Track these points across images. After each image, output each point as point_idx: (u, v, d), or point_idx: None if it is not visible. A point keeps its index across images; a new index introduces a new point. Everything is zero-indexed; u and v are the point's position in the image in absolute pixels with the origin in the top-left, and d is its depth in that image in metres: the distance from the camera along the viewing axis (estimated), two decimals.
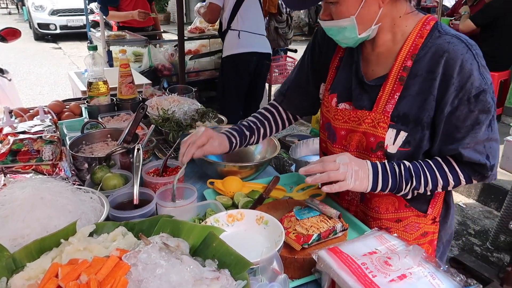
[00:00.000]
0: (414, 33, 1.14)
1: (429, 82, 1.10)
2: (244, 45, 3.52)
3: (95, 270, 0.73)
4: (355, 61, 1.26)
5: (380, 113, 1.17)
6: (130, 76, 2.24)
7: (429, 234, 1.34)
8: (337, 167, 1.10)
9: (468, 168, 1.16)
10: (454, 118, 1.10)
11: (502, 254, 3.12)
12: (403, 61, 1.14)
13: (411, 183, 1.15)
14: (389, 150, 1.17)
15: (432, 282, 0.92)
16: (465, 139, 1.11)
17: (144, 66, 4.16)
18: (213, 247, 0.88)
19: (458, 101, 1.08)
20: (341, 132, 1.28)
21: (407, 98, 1.13)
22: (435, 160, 1.18)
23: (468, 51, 1.07)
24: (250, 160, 1.72)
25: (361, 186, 1.13)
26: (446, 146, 1.14)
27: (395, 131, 1.15)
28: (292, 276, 1.07)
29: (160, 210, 1.26)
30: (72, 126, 1.91)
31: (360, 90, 1.23)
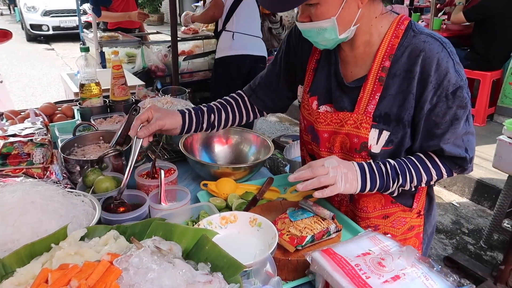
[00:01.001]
0: (389, 33, 1.15)
1: (408, 81, 1.12)
2: (238, 47, 3.49)
3: (85, 275, 0.72)
4: (334, 63, 1.26)
5: (361, 114, 1.18)
6: (123, 78, 2.22)
7: (415, 228, 1.37)
8: (327, 171, 1.10)
9: (449, 162, 1.20)
10: (433, 115, 1.13)
11: (496, 253, 3.14)
12: (381, 62, 1.15)
13: (397, 181, 1.18)
14: (373, 150, 1.19)
15: (426, 283, 0.92)
16: (445, 135, 1.14)
17: (137, 67, 4.14)
18: (206, 250, 0.88)
19: (436, 98, 1.10)
20: (324, 135, 1.28)
21: (388, 98, 1.15)
22: (417, 156, 1.21)
23: (443, 49, 1.09)
24: (244, 161, 1.71)
25: (351, 188, 1.14)
26: (427, 142, 1.17)
27: (377, 131, 1.17)
28: (286, 278, 1.07)
29: (153, 213, 1.25)
30: (64, 128, 1.89)
31: (340, 92, 1.24)
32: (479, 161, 4.04)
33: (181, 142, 1.62)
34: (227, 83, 3.55)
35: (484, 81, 4.82)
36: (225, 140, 1.77)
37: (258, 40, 3.64)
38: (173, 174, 1.42)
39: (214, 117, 1.45)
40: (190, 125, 1.41)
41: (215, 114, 1.46)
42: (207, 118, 1.44)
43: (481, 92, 4.87)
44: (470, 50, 4.95)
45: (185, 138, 1.65)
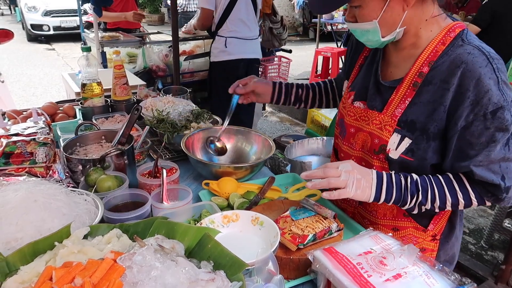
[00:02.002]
0: (437, 39, 1.11)
1: (442, 92, 1.07)
2: (231, 52, 3.48)
3: (89, 272, 0.72)
4: (376, 61, 1.27)
5: (388, 116, 1.16)
6: (124, 77, 2.23)
7: (427, 251, 1.30)
8: (339, 174, 1.09)
9: (480, 188, 1.11)
10: (468, 134, 1.05)
11: (496, 252, 3.14)
12: (420, 67, 1.12)
13: (416, 197, 1.12)
14: (390, 154, 1.16)
15: (427, 281, 0.92)
16: (478, 157, 1.06)
17: (139, 67, 4.14)
18: (208, 248, 0.88)
19: (473, 116, 1.03)
20: (350, 129, 1.29)
21: (418, 105, 1.11)
22: (445, 176, 1.14)
23: (488, 64, 1.02)
24: (245, 160, 1.72)
25: (363, 196, 1.11)
26: (458, 162, 1.10)
27: (399, 136, 1.13)
28: (288, 277, 1.07)
29: (155, 212, 1.26)
30: (66, 128, 1.90)
31: (375, 90, 1.23)
32: None
33: (183, 142, 1.62)
34: (224, 85, 3.54)
35: None
36: (226, 140, 1.78)
37: (252, 42, 3.62)
38: (175, 173, 1.43)
39: (301, 92, 1.57)
40: (280, 94, 1.57)
41: (303, 90, 1.58)
42: (295, 92, 1.57)
43: None
44: None
45: (186, 138, 1.66)
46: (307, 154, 2.82)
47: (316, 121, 4.29)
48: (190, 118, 1.85)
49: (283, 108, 6.52)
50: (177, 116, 1.84)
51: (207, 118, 1.89)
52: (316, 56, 6.69)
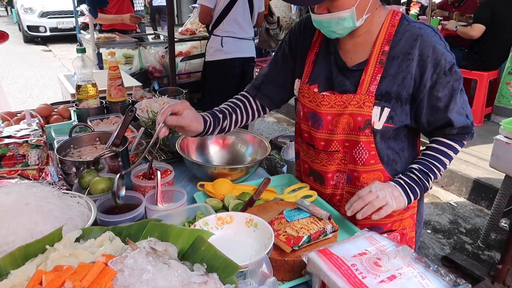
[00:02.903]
0: (386, 23, 1.29)
1: (407, 63, 1.25)
2: (227, 51, 3.51)
3: (80, 276, 0.72)
4: (333, 52, 1.37)
5: (364, 94, 1.28)
6: (120, 79, 2.22)
7: (410, 208, 1.45)
8: (376, 195, 1.22)
9: (459, 136, 1.32)
10: (435, 91, 1.26)
11: (493, 252, 3.15)
12: (381, 47, 1.28)
13: (430, 178, 1.31)
14: (375, 126, 1.29)
15: (422, 283, 0.92)
16: (449, 106, 1.27)
17: (135, 68, 4.13)
18: (201, 251, 0.87)
19: (436, 76, 1.24)
20: (327, 117, 1.35)
21: (388, 78, 1.27)
22: (431, 148, 1.35)
23: (435, 34, 1.24)
24: (241, 162, 1.71)
25: (401, 204, 1.26)
26: (433, 116, 1.29)
27: (379, 108, 1.27)
28: (282, 279, 1.07)
29: (149, 214, 1.25)
30: (60, 129, 1.88)
31: (342, 76, 1.34)
32: (476, 161, 4.04)
33: (178, 143, 1.62)
34: (220, 85, 3.57)
35: (481, 81, 4.83)
36: (221, 141, 1.77)
37: (247, 42, 3.67)
38: (169, 175, 1.42)
39: (227, 122, 1.50)
40: (207, 132, 1.45)
41: (227, 119, 1.50)
42: (221, 124, 1.48)
43: (478, 92, 4.88)
44: (468, 51, 4.96)
45: (181, 139, 1.65)
46: None
47: None
48: None
49: (280, 109, 6.51)
50: None
51: None
52: None
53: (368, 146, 1.33)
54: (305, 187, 1.49)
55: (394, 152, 1.38)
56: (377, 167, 1.36)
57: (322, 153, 1.40)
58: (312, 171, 1.48)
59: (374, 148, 1.33)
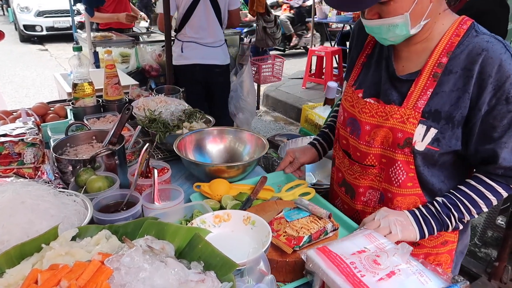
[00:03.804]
0: (450, 31, 1.14)
1: (465, 80, 1.09)
2: (187, 57, 3.45)
3: (76, 275, 0.71)
4: (385, 57, 1.26)
5: (410, 109, 1.15)
6: (116, 77, 2.21)
7: (449, 243, 1.32)
8: (378, 224, 1.15)
9: (504, 178, 1.15)
10: (491, 118, 1.09)
11: (490, 250, 3.16)
12: (438, 58, 1.14)
13: (453, 215, 1.18)
14: (416, 147, 1.16)
15: (421, 279, 0.91)
16: (501, 139, 1.10)
17: (131, 67, 4.12)
18: (198, 248, 0.87)
19: (495, 101, 1.07)
20: (366, 127, 1.25)
21: (440, 94, 1.13)
22: (467, 184, 1.19)
23: (506, 51, 1.06)
24: (239, 160, 1.70)
25: (409, 235, 1.17)
26: (482, 146, 1.13)
27: (425, 127, 1.14)
28: (284, 280, 1.05)
29: (146, 212, 1.24)
30: (56, 128, 1.87)
31: (390, 85, 1.23)
32: None
33: (176, 143, 1.60)
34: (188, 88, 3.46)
35: None
36: (219, 140, 1.76)
37: (211, 49, 3.54)
38: (166, 173, 1.41)
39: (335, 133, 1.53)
40: (324, 150, 1.63)
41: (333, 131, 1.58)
42: (332, 137, 1.59)
43: None
44: None
45: (179, 139, 1.64)
46: None
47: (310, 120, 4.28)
48: (182, 118, 1.83)
49: (277, 107, 6.51)
50: (169, 116, 1.83)
51: (199, 117, 1.87)
52: (310, 55, 6.69)
53: (406, 167, 1.19)
54: (302, 185, 1.49)
55: (440, 180, 1.23)
56: (414, 191, 1.23)
57: (357, 165, 1.31)
58: (344, 182, 1.39)
59: (414, 170, 1.20)
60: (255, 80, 5.15)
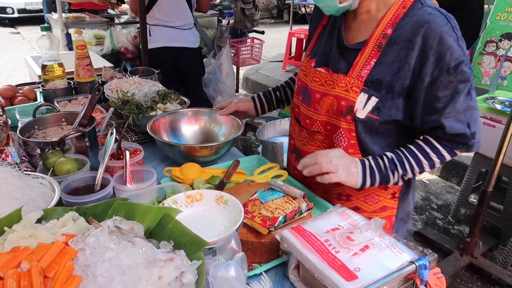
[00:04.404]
0: (398, 3, 1.17)
1: (407, 51, 1.12)
2: (155, 40, 3.37)
3: (37, 257, 0.68)
4: (337, 28, 1.29)
5: (354, 78, 1.19)
6: (88, 58, 2.14)
7: (388, 209, 1.37)
8: (330, 159, 1.15)
9: (450, 143, 1.19)
10: (434, 89, 1.12)
11: (462, 226, 3.26)
12: (383, 29, 1.17)
13: (397, 171, 1.20)
14: (358, 114, 1.19)
15: (393, 251, 0.93)
16: (446, 109, 1.13)
17: (106, 49, 3.99)
18: (168, 228, 0.85)
19: (438, 72, 1.10)
20: (316, 95, 1.29)
21: (383, 64, 1.15)
22: (416, 144, 1.22)
23: (447, 23, 1.09)
24: (214, 141, 1.68)
25: (352, 180, 1.18)
26: (427, 116, 1.16)
27: (366, 96, 1.17)
28: (260, 261, 1.05)
29: (118, 194, 1.21)
30: (25, 111, 1.80)
31: (339, 54, 1.26)
32: None
33: (149, 124, 1.57)
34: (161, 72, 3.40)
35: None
36: (194, 121, 1.73)
37: (180, 31, 3.47)
38: (139, 154, 1.38)
39: (280, 94, 1.66)
40: (262, 106, 1.66)
41: (281, 91, 1.66)
42: (275, 96, 1.66)
43: None
44: None
45: (153, 120, 1.60)
46: (279, 135, 2.80)
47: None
48: (156, 99, 1.79)
49: (257, 91, 6.47)
50: (142, 97, 1.78)
51: (174, 99, 1.83)
52: (290, 37, 6.64)
53: (348, 134, 1.24)
54: (274, 167, 1.48)
55: (381, 148, 1.27)
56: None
57: (305, 131, 1.36)
58: (295, 148, 1.44)
59: (355, 137, 1.24)
60: (234, 63, 5.08)
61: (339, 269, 0.87)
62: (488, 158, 2.78)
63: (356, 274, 0.86)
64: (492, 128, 2.71)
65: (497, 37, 4.73)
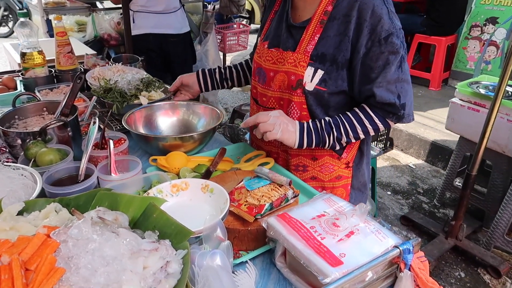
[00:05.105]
0: None
1: (345, 25, 1.21)
2: (139, 26, 3.31)
3: (18, 250, 0.67)
4: (286, 10, 1.37)
5: (301, 53, 1.28)
6: (69, 45, 2.09)
7: (343, 178, 1.46)
8: (268, 118, 1.24)
9: (382, 111, 1.28)
10: (368, 59, 1.21)
11: (448, 210, 3.32)
12: (325, 6, 1.26)
13: (332, 134, 1.29)
14: (307, 87, 1.28)
15: (378, 236, 0.94)
16: (377, 79, 1.22)
17: (89, 36, 3.89)
18: (153, 218, 0.84)
19: (370, 43, 1.19)
20: (270, 73, 1.38)
21: (326, 39, 1.24)
22: (352, 110, 1.32)
23: None
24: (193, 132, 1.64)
25: (289, 139, 1.27)
26: (363, 86, 1.25)
27: (313, 69, 1.26)
28: (247, 249, 1.05)
29: (103, 184, 1.20)
30: (5, 101, 1.76)
31: (288, 33, 1.34)
32: (434, 124, 4.19)
33: (124, 118, 1.52)
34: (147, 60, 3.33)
35: (439, 46, 4.94)
36: (171, 113, 1.67)
37: (164, 16, 3.40)
38: (123, 143, 1.36)
39: (225, 72, 1.70)
40: (205, 80, 1.71)
41: (226, 70, 1.71)
42: (219, 73, 1.71)
43: (436, 57, 4.99)
44: (426, 17, 5.03)
45: (128, 114, 1.56)
46: None
47: None
48: (140, 87, 1.76)
49: None
50: (126, 85, 1.74)
51: (158, 86, 1.80)
52: None
53: (299, 107, 1.32)
54: (261, 155, 1.48)
55: None
56: None
57: (262, 109, 1.43)
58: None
59: (306, 109, 1.32)
60: (220, 49, 5.02)
61: (324, 255, 0.88)
62: (472, 142, 2.82)
63: (341, 260, 0.87)
64: (476, 112, 2.74)
65: (481, 21, 4.76)
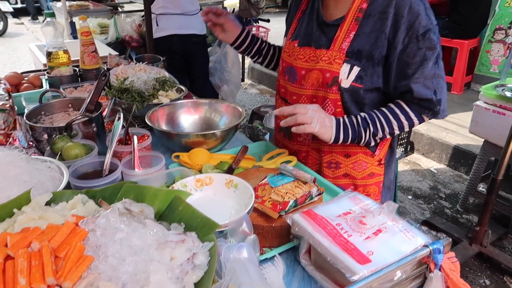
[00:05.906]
0: None
1: (381, 22, 1.22)
2: (161, 29, 3.35)
3: (48, 237, 0.67)
4: (316, 9, 1.37)
5: (336, 51, 1.28)
6: (93, 45, 2.12)
7: (375, 176, 1.46)
8: (306, 111, 1.22)
9: (418, 107, 1.28)
10: (405, 55, 1.21)
11: (471, 216, 3.23)
12: (359, 4, 1.26)
13: (369, 129, 1.29)
14: (342, 84, 1.28)
15: (407, 235, 0.91)
16: (415, 74, 1.22)
17: (111, 38, 3.97)
18: (179, 211, 0.84)
19: (408, 39, 1.20)
20: (301, 72, 1.37)
21: (361, 36, 1.25)
22: (387, 106, 1.32)
23: None
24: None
25: (326, 134, 1.25)
26: (399, 82, 1.26)
27: (349, 66, 1.26)
28: (270, 245, 1.04)
29: (127, 179, 1.20)
30: (31, 98, 1.79)
31: (320, 32, 1.35)
32: (456, 128, 4.10)
33: (148, 115, 1.53)
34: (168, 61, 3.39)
35: (462, 49, 4.84)
36: (193, 111, 1.68)
37: (186, 18, 3.45)
38: (146, 140, 1.36)
39: (264, 46, 1.67)
40: (245, 39, 1.64)
41: (266, 45, 1.68)
42: (259, 44, 1.67)
43: (458, 60, 4.89)
44: (448, 20, 4.94)
45: (151, 111, 1.57)
46: None
47: None
48: (156, 86, 1.76)
49: (263, 80, 6.43)
50: (142, 85, 1.75)
51: (171, 85, 1.80)
52: None
53: (334, 104, 1.32)
54: (283, 153, 1.46)
55: None
56: None
57: None
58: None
59: (341, 106, 1.32)
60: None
61: (351, 253, 0.85)
62: (497, 146, 2.74)
63: (369, 258, 0.85)
64: (502, 116, 2.67)
65: (506, 24, 4.65)
